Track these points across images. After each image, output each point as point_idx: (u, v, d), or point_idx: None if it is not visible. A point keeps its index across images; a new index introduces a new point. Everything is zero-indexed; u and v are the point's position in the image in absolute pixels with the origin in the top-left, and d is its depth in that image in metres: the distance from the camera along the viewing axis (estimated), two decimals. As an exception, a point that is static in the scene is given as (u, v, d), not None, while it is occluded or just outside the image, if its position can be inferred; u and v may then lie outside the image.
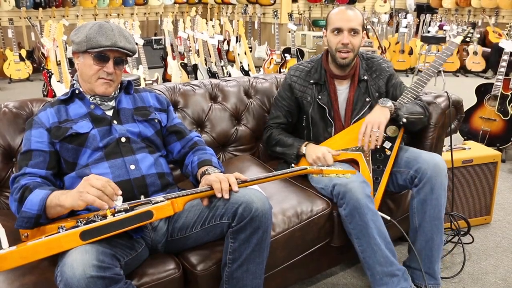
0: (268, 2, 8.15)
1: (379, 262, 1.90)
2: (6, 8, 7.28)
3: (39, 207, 1.42)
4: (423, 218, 2.02)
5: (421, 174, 1.99)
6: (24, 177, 1.55)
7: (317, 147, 2.14)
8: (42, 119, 1.67)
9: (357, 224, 1.89)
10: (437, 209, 2.00)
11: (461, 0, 9.36)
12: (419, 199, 2.01)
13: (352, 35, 2.08)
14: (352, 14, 2.09)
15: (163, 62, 6.65)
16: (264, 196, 1.57)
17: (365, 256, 1.93)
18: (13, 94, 6.45)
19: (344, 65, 2.14)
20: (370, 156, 2.08)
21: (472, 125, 3.94)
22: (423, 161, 2.01)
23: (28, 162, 1.58)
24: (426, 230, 2.02)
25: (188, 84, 2.43)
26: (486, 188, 2.70)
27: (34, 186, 1.50)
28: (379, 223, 1.91)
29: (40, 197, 1.43)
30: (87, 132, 1.65)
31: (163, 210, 1.41)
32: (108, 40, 1.62)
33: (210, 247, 1.65)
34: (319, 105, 2.20)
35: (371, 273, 1.93)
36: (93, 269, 1.24)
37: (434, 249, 2.03)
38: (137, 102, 1.82)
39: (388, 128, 2.09)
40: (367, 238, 1.89)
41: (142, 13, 8.98)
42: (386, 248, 1.91)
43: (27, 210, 1.43)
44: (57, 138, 1.63)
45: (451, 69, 7.83)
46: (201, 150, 1.83)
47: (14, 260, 1.21)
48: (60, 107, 1.70)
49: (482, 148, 2.74)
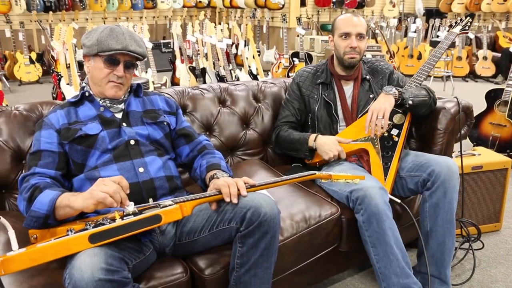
0: (276, 6, 8.16)
1: (395, 272, 1.87)
2: (17, 11, 7.34)
3: (49, 207, 1.42)
4: (435, 222, 2.00)
5: (435, 177, 1.98)
6: (34, 176, 1.55)
7: (327, 139, 2.17)
8: (52, 120, 1.68)
9: (374, 231, 1.87)
10: (449, 213, 1.99)
11: (470, 5, 9.32)
12: (432, 203, 2.00)
13: (359, 39, 2.22)
14: (358, 20, 2.24)
15: (172, 65, 6.67)
16: (272, 201, 1.57)
17: (380, 266, 1.89)
18: (23, 96, 6.50)
19: (352, 66, 2.26)
20: (379, 144, 2.14)
21: (481, 130, 3.91)
22: (437, 164, 2.01)
23: (37, 162, 1.59)
24: (438, 234, 2.00)
25: (197, 88, 2.43)
26: (496, 195, 2.68)
27: (44, 186, 1.50)
28: (396, 232, 1.89)
29: (50, 197, 1.43)
30: (96, 134, 1.66)
31: (172, 214, 1.41)
32: (119, 43, 1.63)
33: (218, 251, 1.65)
34: (325, 102, 2.29)
35: (386, 284, 1.90)
36: (101, 272, 1.24)
37: (446, 253, 2.02)
38: (147, 105, 1.83)
39: (394, 116, 2.18)
40: (384, 246, 1.87)
41: (151, 17, 9.03)
42: (402, 259, 1.88)
43: (36, 210, 1.43)
44: (66, 139, 1.64)
45: (460, 74, 7.79)
46: (210, 154, 1.83)
47: (23, 262, 1.21)
48: (70, 109, 1.72)
49: (492, 154, 2.72)
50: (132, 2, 8.42)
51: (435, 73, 7.16)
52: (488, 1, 9.01)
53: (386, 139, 2.15)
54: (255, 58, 6.26)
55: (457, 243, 2.46)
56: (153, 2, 8.62)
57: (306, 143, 2.20)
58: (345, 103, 2.29)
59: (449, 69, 7.11)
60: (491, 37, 8.38)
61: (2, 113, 1.92)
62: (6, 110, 1.95)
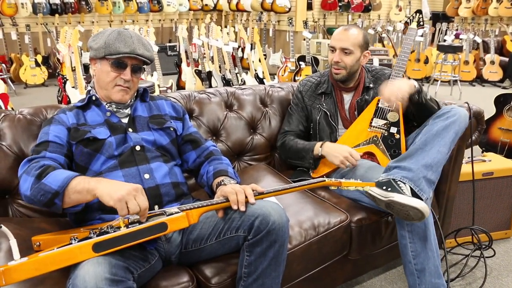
0: (283, 9, 8.14)
1: (430, 271, 1.86)
2: (23, 14, 7.35)
3: (62, 183, 1.37)
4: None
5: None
6: (45, 159, 1.50)
7: (337, 146, 2.13)
8: (62, 118, 1.65)
9: (417, 225, 1.85)
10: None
11: (477, 9, 9.26)
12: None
13: (344, 54, 2.21)
14: (346, 35, 2.22)
15: (178, 68, 6.65)
16: (281, 209, 1.53)
17: (417, 262, 1.88)
18: (28, 99, 6.50)
19: (337, 80, 2.27)
20: (383, 144, 2.13)
21: (490, 136, 3.86)
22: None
23: (47, 148, 1.54)
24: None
25: (203, 92, 2.40)
26: (506, 202, 2.63)
27: (56, 167, 1.46)
28: (434, 229, 1.88)
29: (66, 174, 1.39)
30: (105, 138, 1.63)
31: (178, 222, 1.38)
32: (127, 47, 1.61)
33: (225, 259, 1.61)
34: (324, 111, 2.28)
35: (420, 281, 1.88)
36: (105, 282, 1.20)
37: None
38: (153, 110, 1.80)
39: (389, 115, 2.18)
40: (424, 242, 1.85)
41: (157, 20, 9.02)
42: (437, 257, 1.89)
43: (47, 183, 1.38)
44: (74, 139, 1.61)
45: (467, 79, 7.73)
46: (217, 160, 1.80)
47: (25, 271, 1.17)
48: (78, 111, 1.70)
49: (503, 161, 2.67)
50: (138, 5, 8.42)
51: (442, 77, 7.11)
52: (496, 5, 8.96)
53: (389, 138, 2.15)
54: (261, 61, 6.23)
55: (468, 250, 2.42)
56: (159, 5, 8.62)
57: (312, 150, 2.17)
58: (344, 112, 2.29)
59: (456, 74, 7.06)
60: (499, 41, 8.30)
61: (6, 117, 1.89)
62: (10, 114, 1.91)
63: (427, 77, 7.90)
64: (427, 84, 7.43)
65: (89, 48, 1.68)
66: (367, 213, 1.98)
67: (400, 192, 1.75)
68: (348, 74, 2.24)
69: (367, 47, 2.27)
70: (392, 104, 2.10)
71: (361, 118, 2.23)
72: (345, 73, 2.23)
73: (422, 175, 1.81)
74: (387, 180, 1.80)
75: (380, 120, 2.18)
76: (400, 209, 1.76)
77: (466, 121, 1.97)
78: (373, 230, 2.00)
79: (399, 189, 1.76)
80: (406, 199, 1.73)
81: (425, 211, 1.71)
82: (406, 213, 1.76)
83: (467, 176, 2.41)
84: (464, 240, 2.51)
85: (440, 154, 1.86)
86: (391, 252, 2.17)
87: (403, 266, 1.97)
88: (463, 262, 2.38)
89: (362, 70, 2.33)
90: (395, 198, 1.74)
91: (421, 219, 1.75)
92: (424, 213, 1.72)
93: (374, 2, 9.44)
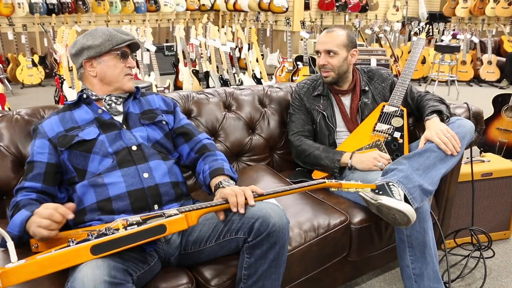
0: (280, 9, 8.13)
1: (429, 275, 1.84)
2: (20, 14, 7.32)
3: (20, 229, 1.41)
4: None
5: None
6: (21, 192, 1.56)
7: (363, 154, 2.09)
8: (45, 128, 1.65)
9: (415, 230, 1.83)
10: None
11: (475, 9, 9.27)
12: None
13: (330, 56, 2.21)
14: (329, 37, 2.22)
15: (175, 68, 6.63)
16: (281, 211, 1.52)
17: (415, 267, 1.86)
18: (25, 99, 6.47)
19: (328, 83, 2.28)
20: (385, 148, 2.12)
21: (488, 136, 3.86)
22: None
23: (27, 176, 1.59)
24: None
25: (201, 92, 2.39)
26: (505, 202, 2.63)
27: (23, 204, 1.48)
28: (433, 234, 1.86)
29: (21, 219, 1.42)
30: (94, 138, 1.62)
31: (177, 224, 1.37)
32: (126, 35, 1.70)
33: (224, 261, 1.60)
34: (322, 113, 2.28)
35: (418, 286, 1.87)
36: (104, 285, 1.19)
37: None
38: (144, 106, 1.79)
39: (393, 120, 2.20)
40: (422, 247, 1.84)
41: (154, 20, 8.99)
42: (436, 262, 1.87)
43: (10, 231, 1.43)
44: (63, 146, 1.60)
45: (465, 79, 7.75)
46: (211, 156, 1.76)
47: (22, 274, 1.16)
48: (65, 114, 1.68)
49: (502, 161, 2.67)
50: (135, 5, 8.39)
51: (440, 78, 7.12)
52: (493, 5, 8.98)
53: (391, 142, 2.15)
54: (258, 61, 6.22)
55: (467, 251, 2.42)
56: (156, 5, 8.60)
57: (338, 160, 2.10)
58: (345, 114, 2.28)
59: (453, 74, 7.07)
60: (496, 41, 8.32)
61: (3, 118, 1.88)
62: (7, 114, 1.90)
63: (425, 77, 7.91)
64: (425, 84, 7.44)
65: (85, 49, 1.66)
66: (367, 214, 1.96)
67: (389, 195, 1.73)
68: (337, 76, 2.24)
69: (353, 46, 2.25)
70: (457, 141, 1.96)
71: (365, 123, 2.23)
72: (334, 75, 2.23)
73: (418, 184, 1.79)
74: (381, 184, 1.79)
75: (384, 125, 2.19)
76: (387, 213, 1.74)
77: (471, 134, 1.96)
78: (372, 231, 1.99)
79: (390, 193, 1.74)
80: (394, 202, 1.70)
81: (411, 216, 1.69)
82: (393, 217, 1.74)
83: (466, 176, 2.41)
84: (463, 240, 2.51)
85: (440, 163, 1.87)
86: (390, 254, 2.16)
87: (400, 269, 1.96)
88: (462, 263, 2.38)
89: (356, 72, 2.32)
90: (383, 201, 1.72)
91: (407, 224, 1.72)
92: (410, 218, 1.69)
93: (371, 2, 9.44)
